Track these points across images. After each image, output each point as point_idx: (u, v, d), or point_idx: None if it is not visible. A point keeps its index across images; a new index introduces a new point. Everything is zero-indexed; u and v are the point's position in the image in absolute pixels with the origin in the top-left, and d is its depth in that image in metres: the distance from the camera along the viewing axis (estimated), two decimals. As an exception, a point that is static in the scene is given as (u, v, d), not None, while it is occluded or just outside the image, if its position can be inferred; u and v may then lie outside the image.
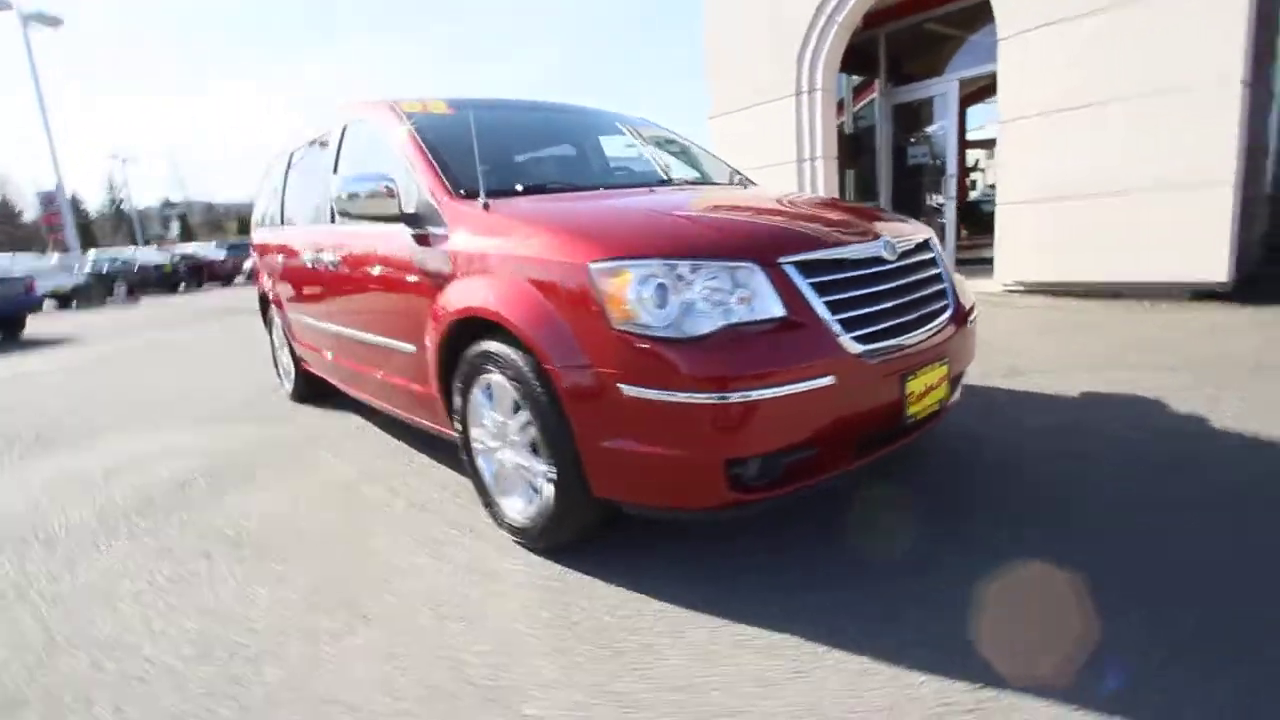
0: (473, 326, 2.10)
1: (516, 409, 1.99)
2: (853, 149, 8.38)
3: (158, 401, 4.85)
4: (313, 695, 1.50)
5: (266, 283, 4.24)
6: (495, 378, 2.02)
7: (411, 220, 2.34)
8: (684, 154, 3.41)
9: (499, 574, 1.97)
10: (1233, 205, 4.71)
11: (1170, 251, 5.05)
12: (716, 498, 1.64)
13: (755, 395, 1.58)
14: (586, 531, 1.98)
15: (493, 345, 1.99)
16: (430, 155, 2.39)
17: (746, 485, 1.64)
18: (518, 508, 2.09)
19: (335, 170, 3.06)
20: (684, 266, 1.65)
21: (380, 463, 3.07)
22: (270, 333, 4.60)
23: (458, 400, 2.23)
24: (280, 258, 3.88)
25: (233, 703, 1.50)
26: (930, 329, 1.98)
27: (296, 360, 4.11)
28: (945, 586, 1.69)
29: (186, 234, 49.58)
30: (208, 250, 25.30)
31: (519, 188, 2.36)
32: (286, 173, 3.88)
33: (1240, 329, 4.22)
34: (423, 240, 2.31)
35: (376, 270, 2.60)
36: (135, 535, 2.49)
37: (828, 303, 1.73)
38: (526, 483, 2.04)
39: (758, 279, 1.67)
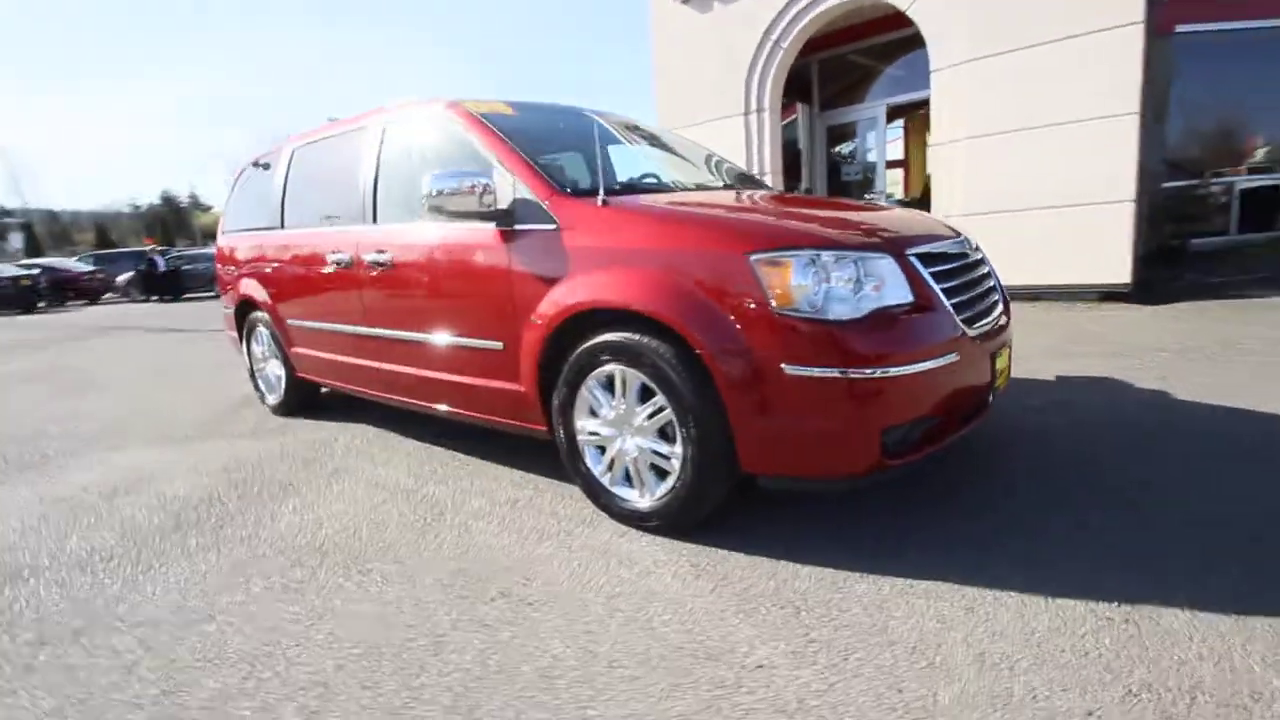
0: (583, 321, 2.17)
1: (644, 398, 2.08)
2: (793, 165, 8.96)
3: (107, 422, 4.38)
4: (530, 675, 1.52)
5: (251, 291, 3.97)
6: (618, 368, 2.10)
7: (503, 217, 2.36)
8: (696, 154, 3.55)
9: (635, 556, 2.03)
10: (1134, 218, 5.56)
11: (1082, 259, 5.86)
12: (868, 463, 1.82)
13: (906, 370, 1.78)
14: (717, 508, 2.09)
15: (615, 336, 2.07)
16: (524, 154, 2.42)
17: (892, 451, 1.83)
18: (639, 494, 2.17)
19: (377, 170, 2.98)
20: (833, 256, 1.82)
21: (429, 466, 3.00)
22: (247, 345, 4.29)
23: (560, 395, 2.28)
24: (277, 263, 3.68)
25: (456, 695, 1.48)
26: (998, 314, 2.28)
27: (290, 370, 3.88)
28: (1063, 535, 1.97)
29: (34, 247, 43.56)
30: (69, 264, 22.50)
31: (615, 186, 2.45)
32: (287, 175, 3.68)
33: (1151, 323, 4.99)
34: (516, 236, 2.34)
35: (455, 268, 2.57)
36: (191, 553, 2.30)
37: (943, 289, 1.97)
38: (652, 468, 2.12)
39: (893, 268, 1.88)
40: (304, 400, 4.06)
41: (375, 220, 2.97)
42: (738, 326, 1.83)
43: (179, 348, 8.56)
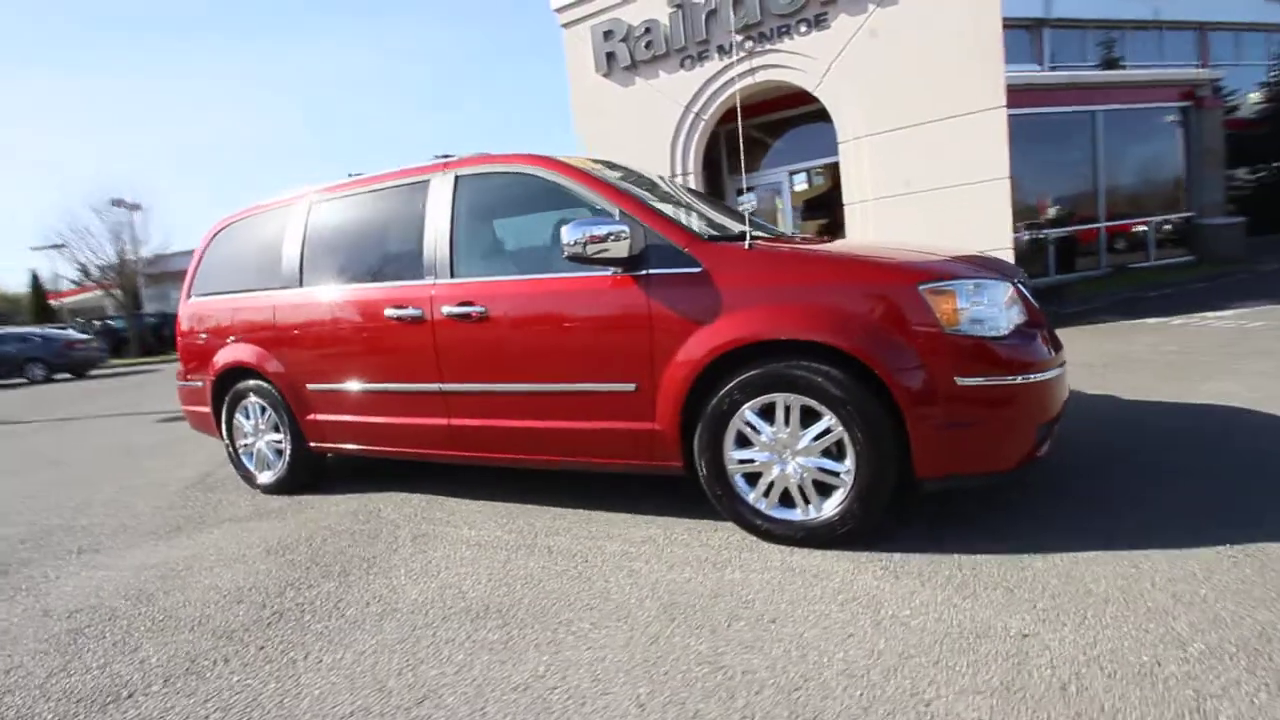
0: (735, 356, 2.32)
1: (808, 421, 2.26)
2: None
3: (53, 523, 3.64)
4: (857, 672, 1.59)
5: (245, 358, 3.59)
6: (780, 396, 2.27)
7: (635, 263, 2.47)
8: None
9: (822, 569, 2.15)
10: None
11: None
12: (1021, 457, 2.13)
13: (1046, 375, 2.14)
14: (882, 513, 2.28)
15: (779, 366, 2.24)
16: (650, 204, 2.56)
17: (1038, 446, 2.17)
18: (802, 513, 2.31)
19: (452, 223, 2.93)
20: (982, 284, 2.16)
21: (519, 521, 2.89)
22: (228, 420, 3.82)
23: (708, 428, 2.38)
24: (295, 324, 3.40)
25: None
26: (1048, 333, 2.77)
27: (299, 441, 3.53)
28: (1142, 505, 2.40)
29: None
30: None
31: (734, 233, 2.66)
32: (305, 232, 3.45)
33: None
34: (653, 280, 2.45)
35: (576, 315, 2.60)
36: (328, 636, 2.06)
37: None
38: (815, 485, 2.28)
39: (1013, 293, 2.26)
40: (311, 475, 3.70)
41: (453, 274, 2.91)
42: (912, 348, 2.10)
43: (36, 437, 7.20)
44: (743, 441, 2.39)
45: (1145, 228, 12.48)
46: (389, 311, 3.04)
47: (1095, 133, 12.02)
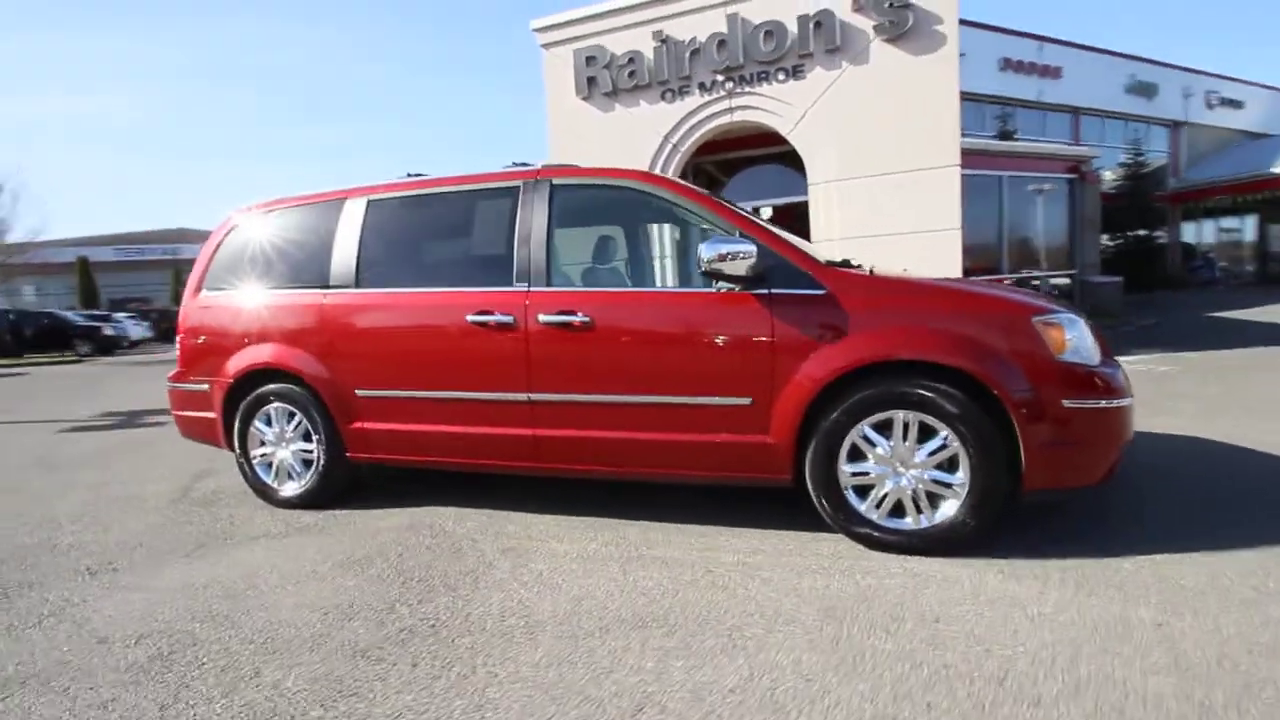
0: (851, 376, 2.48)
1: (924, 438, 2.44)
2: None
3: (45, 539, 3.15)
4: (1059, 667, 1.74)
5: (276, 360, 3.32)
6: (898, 413, 2.44)
7: (758, 282, 2.58)
8: None
9: (946, 575, 2.31)
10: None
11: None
12: (1107, 472, 2.42)
13: (1129, 401, 2.46)
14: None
15: (899, 385, 2.42)
16: (765, 227, 2.68)
17: (1118, 463, 2.47)
18: (914, 522, 2.48)
19: (549, 231, 2.91)
20: (1072, 319, 2.46)
21: (608, 534, 2.86)
22: (243, 428, 3.48)
23: (823, 442, 2.51)
24: (348, 327, 3.21)
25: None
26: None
27: (337, 450, 3.30)
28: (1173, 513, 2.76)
29: None
30: None
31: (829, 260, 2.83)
32: (362, 230, 3.27)
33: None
34: (775, 300, 2.57)
35: (694, 329, 2.65)
36: (482, 653, 1.97)
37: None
38: (930, 497, 2.46)
39: (1094, 328, 2.58)
40: (340, 489, 3.45)
41: (549, 281, 2.89)
42: (1027, 372, 2.35)
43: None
44: (854, 455, 2.54)
45: (1038, 283, 14.12)
46: (472, 317, 2.95)
47: (1001, 195, 13.55)
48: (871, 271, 2.61)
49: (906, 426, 2.46)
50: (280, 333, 3.40)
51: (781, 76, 7.85)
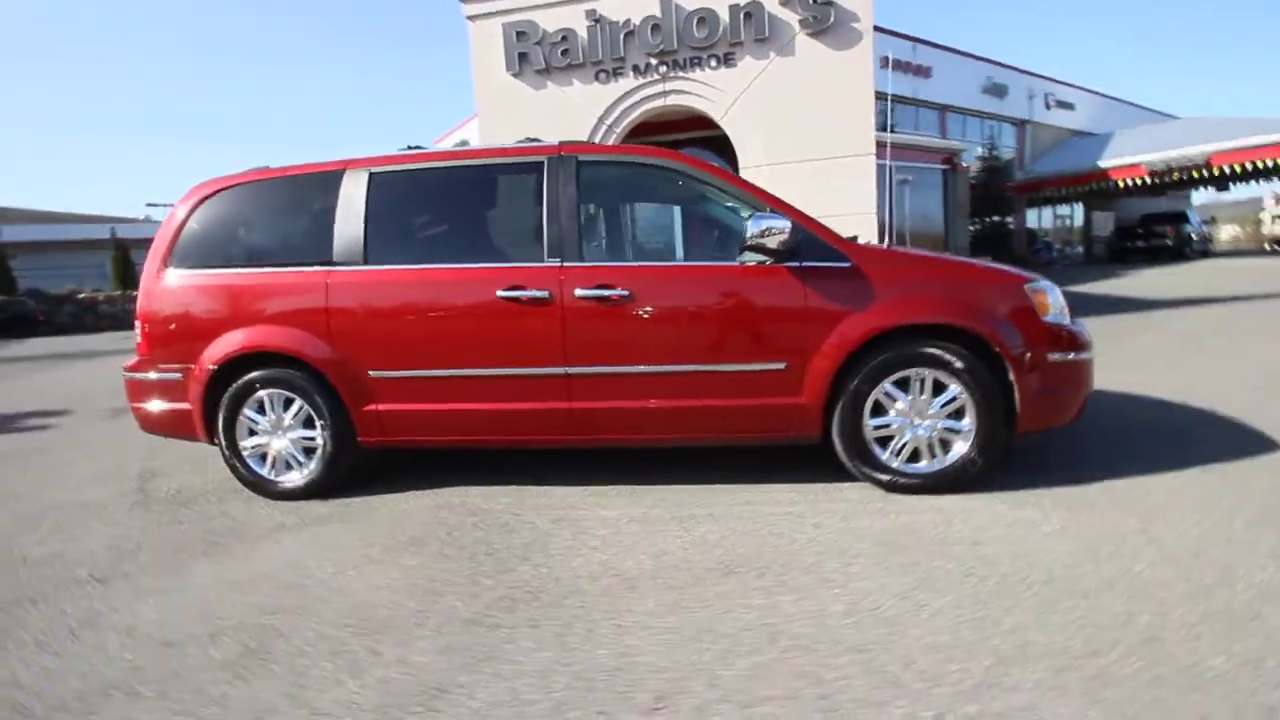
0: (879, 338, 2.78)
1: (938, 392, 2.79)
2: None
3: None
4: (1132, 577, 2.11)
5: (275, 341, 3.12)
6: (915, 370, 2.77)
7: (791, 255, 2.80)
8: None
9: (970, 508, 2.67)
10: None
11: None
12: (1076, 414, 2.90)
13: (1092, 354, 2.94)
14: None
15: (919, 345, 2.75)
16: (790, 205, 2.89)
17: (1084, 407, 2.95)
18: (928, 464, 2.83)
19: (578, 205, 2.94)
20: (1051, 285, 2.89)
21: (647, 498, 2.99)
22: (229, 418, 3.23)
23: (851, 400, 2.80)
24: (362, 306, 3.08)
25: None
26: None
27: (347, 435, 3.16)
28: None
29: None
30: None
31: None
32: (367, 204, 3.11)
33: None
34: (807, 272, 2.80)
35: (733, 300, 2.82)
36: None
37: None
38: (942, 442, 2.82)
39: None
40: (345, 476, 3.31)
41: (582, 256, 2.94)
42: (1021, 332, 2.75)
43: None
44: (876, 410, 2.84)
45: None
46: (503, 293, 2.94)
47: (887, 181, 14.80)
48: (890, 247, 2.92)
49: (922, 382, 2.80)
50: (273, 314, 3.18)
51: (714, 63, 8.13)
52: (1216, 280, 14.15)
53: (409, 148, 3.28)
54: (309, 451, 3.26)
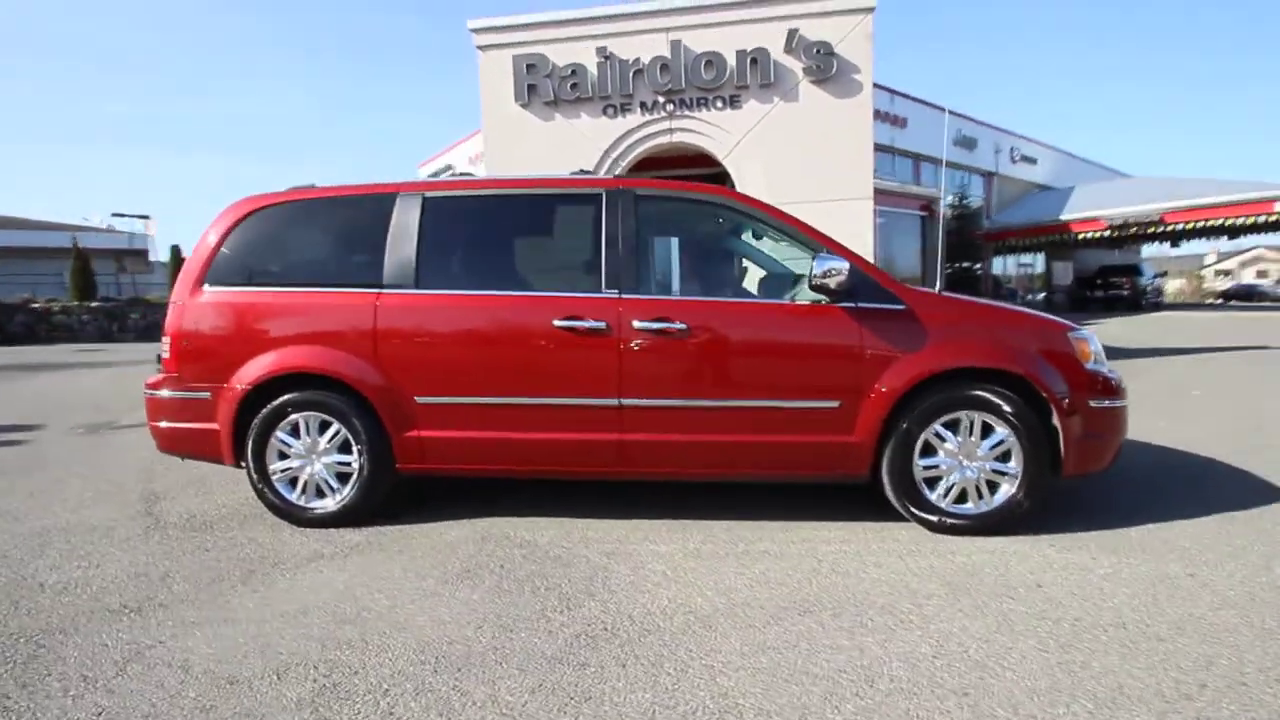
0: (930, 381, 2.85)
1: (986, 434, 2.86)
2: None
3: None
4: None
5: (314, 363, 3.04)
6: (964, 413, 2.85)
7: (847, 295, 2.87)
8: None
9: (1021, 552, 2.72)
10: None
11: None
12: (1112, 460, 3.00)
13: (1128, 402, 3.05)
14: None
15: (969, 388, 2.83)
16: (845, 247, 2.97)
17: (1119, 452, 3.06)
18: (975, 506, 2.88)
19: (637, 238, 2.98)
20: (1091, 333, 3.02)
21: (696, 534, 2.98)
22: (260, 442, 3.11)
23: (902, 439, 2.85)
24: (410, 329, 3.04)
25: None
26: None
27: (386, 461, 3.08)
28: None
29: None
30: None
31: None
32: (420, 227, 3.09)
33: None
34: (863, 313, 2.87)
35: (791, 337, 2.87)
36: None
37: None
38: (989, 484, 2.88)
39: (1096, 343, 3.17)
40: (381, 503, 3.21)
41: (639, 289, 2.95)
42: (1065, 378, 2.85)
43: None
44: (925, 451, 2.90)
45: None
46: (560, 322, 2.93)
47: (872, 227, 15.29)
48: (941, 291, 3.02)
49: (972, 424, 2.87)
50: (314, 334, 3.11)
51: (720, 104, 8.37)
52: (1174, 330, 14.88)
53: (461, 174, 3.28)
54: (343, 478, 3.16)
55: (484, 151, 8.77)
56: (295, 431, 3.15)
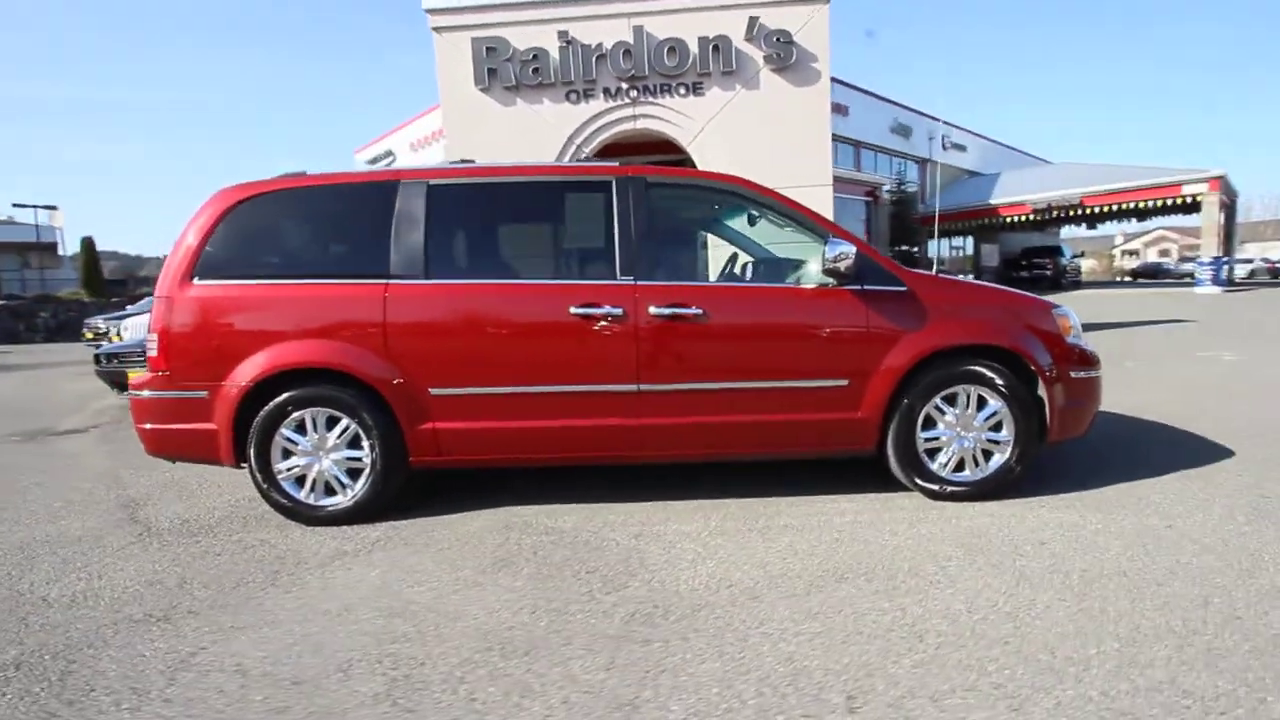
0: (931, 357, 3.02)
1: (981, 406, 3.06)
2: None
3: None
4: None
5: (324, 357, 2.95)
6: (962, 387, 3.04)
7: (855, 279, 3.00)
8: None
9: (1018, 514, 2.93)
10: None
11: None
12: (1089, 427, 3.27)
13: (1102, 372, 3.33)
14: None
15: (966, 364, 3.02)
16: (850, 232, 3.09)
17: (1094, 419, 3.33)
18: (971, 473, 3.09)
19: (649, 225, 3.02)
20: (1070, 309, 3.26)
21: (713, 514, 3.07)
22: (264, 441, 3.00)
23: (906, 414, 3.02)
24: (422, 321, 3.00)
25: None
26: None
27: (399, 455, 3.03)
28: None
29: None
30: None
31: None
32: (427, 216, 3.02)
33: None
34: (868, 295, 3.01)
35: (804, 320, 2.98)
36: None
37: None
38: (984, 452, 3.09)
39: (1074, 318, 3.42)
40: (392, 497, 3.16)
41: (654, 275, 3.00)
42: (1050, 351, 3.08)
43: None
44: (926, 424, 3.08)
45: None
46: (576, 309, 2.95)
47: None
48: (939, 273, 3.19)
49: (968, 398, 3.07)
50: (319, 328, 3.02)
51: (683, 91, 8.43)
52: (1096, 307, 16.01)
53: (461, 161, 3.23)
54: (353, 474, 3.09)
55: (445, 135, 8.53)
56: (301, 428, 3.06)
